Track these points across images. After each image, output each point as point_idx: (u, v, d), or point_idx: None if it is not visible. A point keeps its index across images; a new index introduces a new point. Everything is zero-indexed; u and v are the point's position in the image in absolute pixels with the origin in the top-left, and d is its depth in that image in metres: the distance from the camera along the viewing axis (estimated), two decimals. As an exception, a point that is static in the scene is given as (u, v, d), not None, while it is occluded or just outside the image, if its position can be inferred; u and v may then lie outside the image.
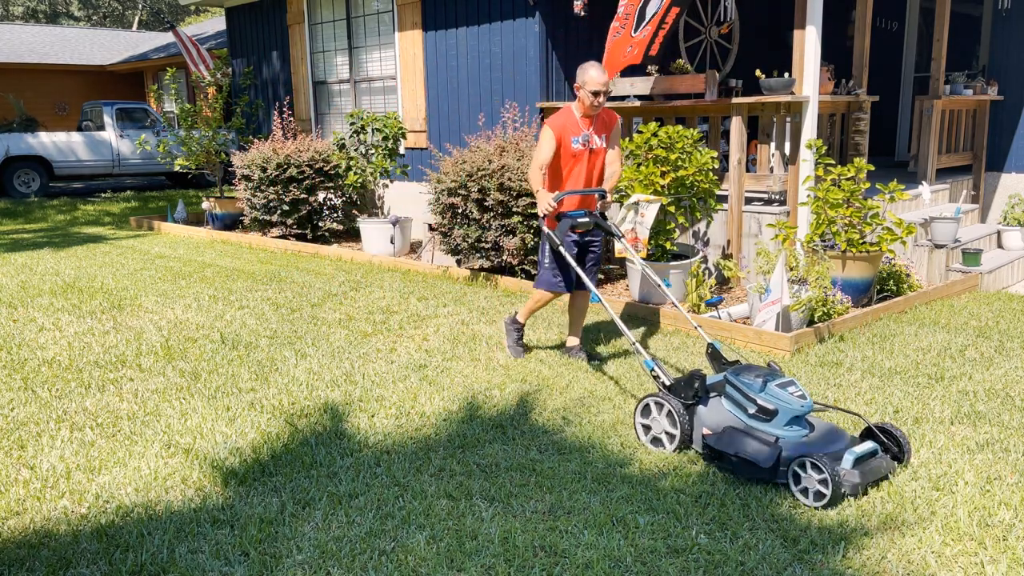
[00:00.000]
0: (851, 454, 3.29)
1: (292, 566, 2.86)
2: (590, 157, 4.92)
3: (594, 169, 4.98)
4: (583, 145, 4.86)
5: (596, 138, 4.91)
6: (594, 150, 4.93)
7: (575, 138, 4.85)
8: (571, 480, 3.48)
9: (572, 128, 4.85)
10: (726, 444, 3.48)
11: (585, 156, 4.90)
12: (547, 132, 4.83)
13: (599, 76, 4.69)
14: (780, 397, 3.45)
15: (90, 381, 4.80)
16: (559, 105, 8.01)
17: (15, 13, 38.71)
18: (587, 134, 4.87)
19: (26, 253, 9.38)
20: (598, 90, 4.71)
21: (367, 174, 8.98)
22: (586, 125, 4.87)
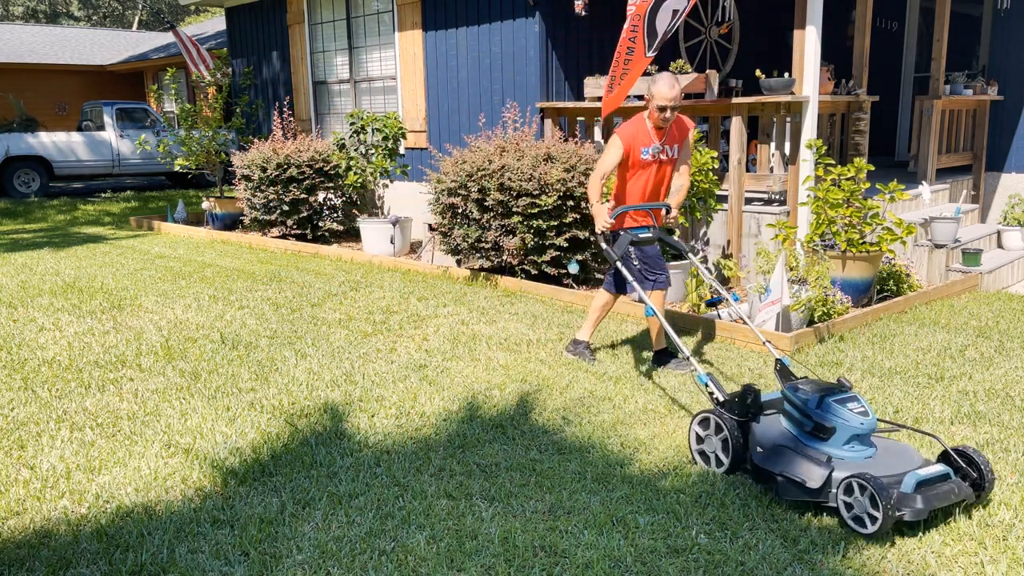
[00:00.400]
0: (914, 476, 2.99)
1: (292, 566, 2.86)
2: (658, 169, 4.74)
3: (661, 181, 4.80)
4: (654, 157, 4.68)
5: (668, 149, 4.73)
6: (663, 161, 4.75)
7: (645, 149, 4.66)
8: (571, 480, 3.48)
9: (643, 138, 4.66)
10: (772, 463, 3.26)
11: (654, 168, 4.72)
12: (616, 142, 4.65)
13: (667, 91, 4.47)
14: (838, 414, 3.20)
15: (90, 381, 4.80)
16: (559, 105, 8.02)
17: (15, 13, 38.71)
18: (658, 145, 4.68)
19: (26, 253, 9.38)
20: (665, 105, 4.51)
21: (367, 174, 8.98)
22: (658, 136, 4.68)
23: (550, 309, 6.32)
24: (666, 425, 4.05)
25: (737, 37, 9.92)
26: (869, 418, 3.20)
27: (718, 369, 4.91)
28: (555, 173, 6.67)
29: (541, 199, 6.66)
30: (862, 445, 3.23)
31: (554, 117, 8.15)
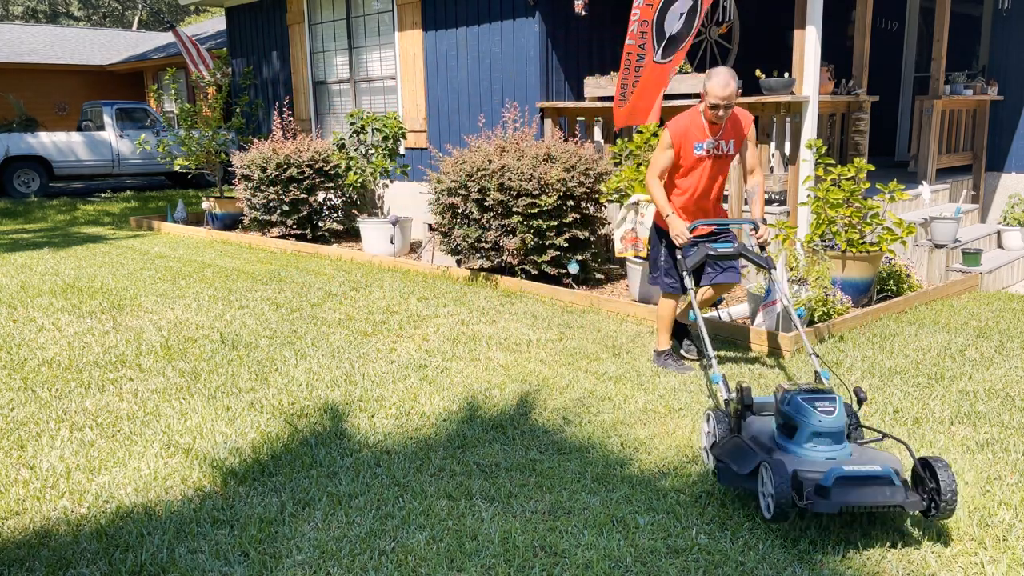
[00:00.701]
0: (834, 471, 2.92)
1: (292, 566, 2.86)
2: (713, 164, 4.51)
3: (716, 178, 4.56)
4: (707, 153, 4.46)
5: (724, 144, 4.49)
6: (718, 157, 4.51)
7: (699, 144, 4.44)
8: (571, 480, 3.47)
9: (696, 133, 4.44)
10: (719, 451, 3.33)
11: (708, 164, 4.49)
12: (665, 137, 4.45)
13: (720, 90, 4.25)
14: (801, 410, 3.14)
15: (90, 381, 4.80)
16: (559, 105, 8.02)
17: (15, 13, 38.71)
18: (713, 140, 4.45)
19: (26, 253, 9.38)
20: (717, 104, 4.29)
21: (367, 174, 8.98)
22: (713, 131, 4.45)
23: (550, 309, 6.32)
24: (666, 425, 4.05)
25: (737, 37, 9.92)
26: (832, 417, 3.09)
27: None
28: (555, 173, 6.67)
29: (541, 199, 6.66)
30: (826, 445, 3.11)
31: (554, 117, 8.15)
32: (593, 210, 6.96)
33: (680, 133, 4.44)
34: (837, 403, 3.15)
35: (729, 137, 4.51)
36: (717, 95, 4.27)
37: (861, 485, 2.90)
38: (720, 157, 4.52)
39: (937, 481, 2.92)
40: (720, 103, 4.29)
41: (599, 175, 6.91)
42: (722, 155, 4.52)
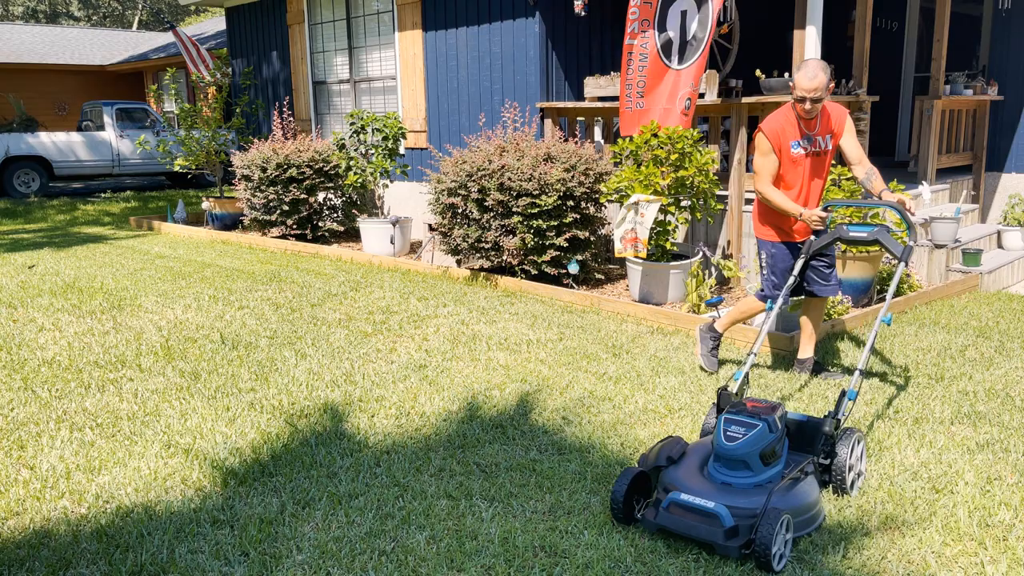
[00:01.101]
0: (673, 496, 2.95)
1: (292, 566, 2.86)
2: (812, 163, 4.34)
3: (817, 176, 4.40)
4: (805, 151, 4.30)
5: (821, 140, 4.33)
6: (817, 154, 4.34)
7: (795, 143, 4.28)
8: (571, 480, 3.47)
9: (791, 131, 4.29)
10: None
11: (807, 162, 4.33)
12: (762, 141, 4.29)
13: (805, 80, 4.09)
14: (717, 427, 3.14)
15: (90, 381, 4.80)
16: (559, 105, 8.02)
17: (15, 13, 38.71)
18: (810, 136, 4.29)
19: (26, 253, 9.38)
20: (804, 96, 4.12)
21: (367, 174, 8.98)
22: (808, 127, 4.29)
23: (550, 309, 6.32)
24: (666, 425, 4.05)
25: (737, 37, 9.92)
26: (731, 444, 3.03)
27: (716, 371, 4.91)
28: (555, 173, 6.67)
29: (541, 199, 6.66)
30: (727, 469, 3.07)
31: (554, 117, 8.15)
32: (593, 210, 6.96)
33: (775, 133, 4.27)
34: (751, 431, 3.04)
35: (825, 132, 4.33)
36: (803, 87, 4.11)
37: (688, 514, 2.90)
38: (819, 154, 4.35)
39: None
40: (807, 95, 4.11)
41: (599, 175, 6.91)
42: (820, 152, 4.35)
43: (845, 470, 3.24)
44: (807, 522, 3.00)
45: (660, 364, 4.96)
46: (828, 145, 4.36)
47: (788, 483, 3.03)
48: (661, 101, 6.56)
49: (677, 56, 6.41)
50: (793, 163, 4.32)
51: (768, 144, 4.28)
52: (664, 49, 6.40)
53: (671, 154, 6.29)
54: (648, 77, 6.49)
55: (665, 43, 6.40)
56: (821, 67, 4.10)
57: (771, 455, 3.09)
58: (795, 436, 3.40)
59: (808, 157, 4.32)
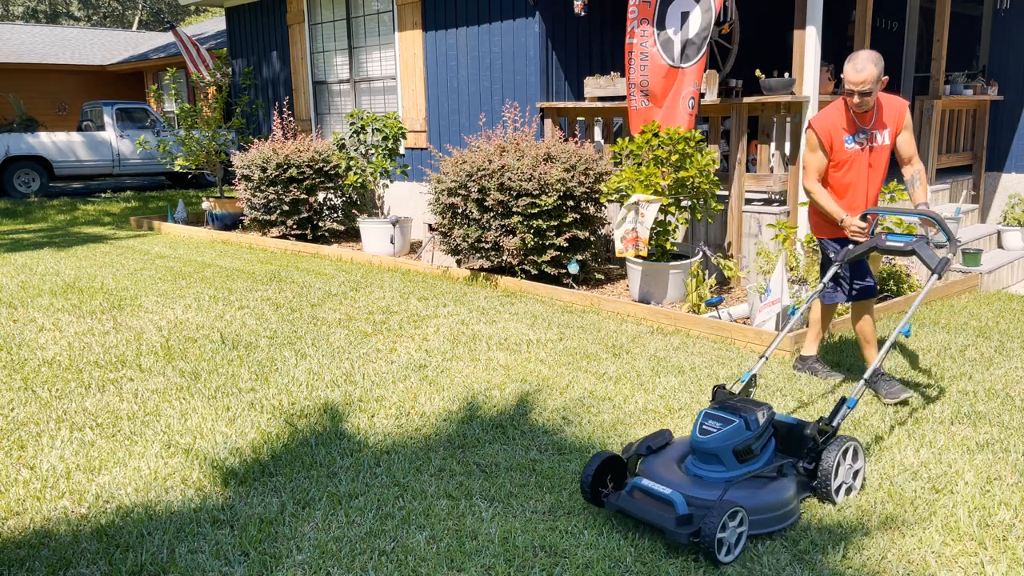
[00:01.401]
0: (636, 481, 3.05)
1: (292, 566, 2.86)
2: (868, 158, 4.15)
3: (872, 173, 4.19)
4: (860, 146, 4.12)
5: (877, 134, 4.12)
6: (873, 149, 4.14)
7: (848, 137, 4.10)
8: (571, 480, 3.47)
9: (843, 125, 4.11)
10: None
11: (862, 158, 4.14)
12: (811, 137, 4.13)
13: (852, 73, 3.93)
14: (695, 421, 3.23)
15: (90, 381, 4.80)
16: (559, 105, 8.02)
17: (15, 13, 38.71)
18: (865, 131, 4.10)
19: (26, 253, 9.38)
20: (852, 90, 3.96)
21: (367, 174, 8.98)
22: (863, 121, 4.09)
23: (550, 309, 6.32)
24: (666, 425, 4.05)
25: (737, 37, 9.92)
26: (703, 437, 3.11)
27: (716, 371, 4.91)
28: (555, 173, 6.67)
29: (541, 199, 6.66)
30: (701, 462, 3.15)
31: (554, 117, 8.16)
32: (593, 210, 6.96)
33: (825, 128, 4.11)
34: (726, 427, 3.09)
35: (882, 126, 4.13)
36: (851, 80, 3.95)
37: (646, 499, 3.00)
38: (876, 150, 4.14)
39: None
40: (854, 88, 3.94)
41: (599, 175, 6.91)
42: (877, 147, 4.14)
43: (830, 477, 3.17)
44: (772, 520, 2.99)
45: (660, 364, 4.97)
46: (886, 140, 4.15)
47: (754, 480, 3.09)
48: (665, 99, 6.56)
49: (679, 55, 6.41)
50: (848, 160, 4.13)
51: (816, 139, 4.12)
52: (664, 48, 6.40)
53: (672, 154, 6.29)
54: (650, 76, 6.50)
55: (665, 42, 6.40)
56: (871, 59, 3.92)
57: (746, 452, 3.12)
58: (784, 438, 3.38)
59: (864, 152, 4.12)
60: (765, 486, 3.05)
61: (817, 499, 3.26)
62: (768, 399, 4.39)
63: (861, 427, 3.99)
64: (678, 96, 6.49)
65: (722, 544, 2.82)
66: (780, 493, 3.04)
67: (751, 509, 2.93)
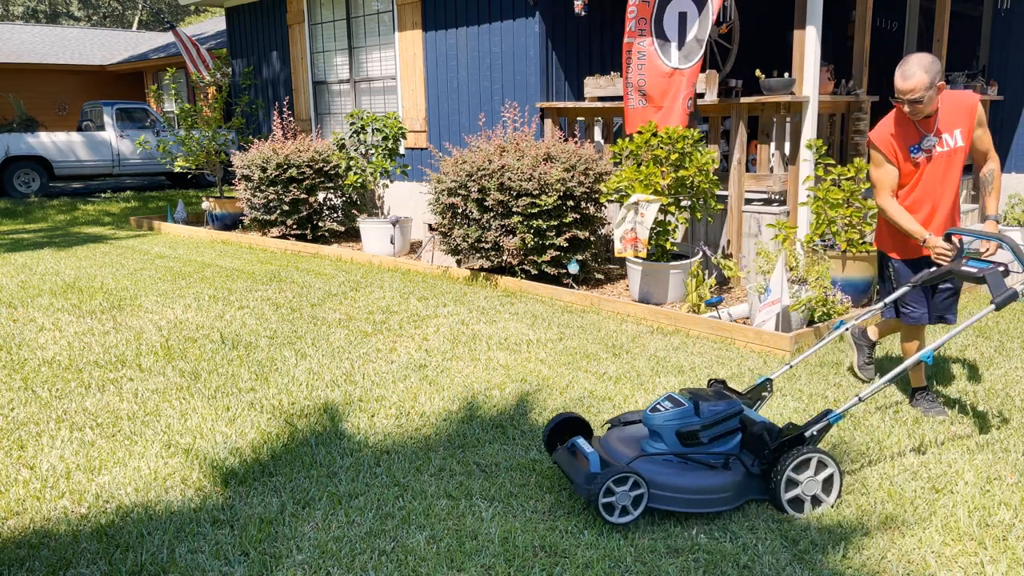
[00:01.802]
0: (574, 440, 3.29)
1: (292, 566, 2.86)
2: (941, 165, 3.79)
3: (947, 180, 3.81)
4: (928, 154, 3.77)
5: (947, 138, 3.76)
6: (944, 154, 3.77)
7: (914, 147, 3.78)
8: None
9: (907, 133, 3.79)
10: None
11: (935, 165, 3.79)
12: (873, 152, 3.85)
13: (898, 80, 3.64)
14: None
15: (90, 381, 4.80)
16: (559, 105, 8.02)
17: (15, 13, 38.71)
18: (930, 138, 3.75)
19: (26, 253, 9.39)
20: (899, 98, 3.67)
21: (367, 174, 8.99)
22: (927, 126, 3.75)
23: (550, 309, 6.32)
24: (666, 425, 4.04)
25: (737, 37, 9.91)
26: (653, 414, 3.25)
27: (716, 371, 4.91)
28: (555, 173, 6.67)
29: (541, 199, 6.66)
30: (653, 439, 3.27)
31: (554, 117, 8.16)
32: (593, 210, 6.96)
33: (886, 139, 3.80)
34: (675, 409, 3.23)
35: (952, 127, 3.76)
36: (897, 87, 3.65)
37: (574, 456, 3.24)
38: (947, 155, 3.77)
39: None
40: (902, 97, 3.65)
41: (599, 175, 6.91)
42: (949, 150, 3.77)
43: (779, 485, 3.11)
44: (691, 502, 3.09)
45: (660, 364, 4.97)
46: (959, 141, 3.76)
47: (686, 462, 3.20)
48: (663, 100, 6.57)
49: (677, 56, 6.41)
50: (917, 168, 3.78)
51: (880, 154, 3.81)
52: (662, 48, 6.40)
53: (671, 154, 6.29)
54: (648, 76, 6.51)
55: (663, 42, 6.41)
56: (922, 64, 3.61)
57: (690, 437, 3.21)
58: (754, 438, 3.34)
59: (938, 157, 3.76)
60: (694, 470, 3.16)
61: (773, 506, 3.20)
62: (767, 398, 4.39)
63: (861, 427, 3.99)
64: (676, 97, 6.49)
65: (612, 507, 3.01)
66: (706, 480, 3.12)
67: (660, 485, 3.06)
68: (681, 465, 3.18)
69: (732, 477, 3.16)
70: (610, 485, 2.99)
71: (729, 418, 3.25)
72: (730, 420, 3.26)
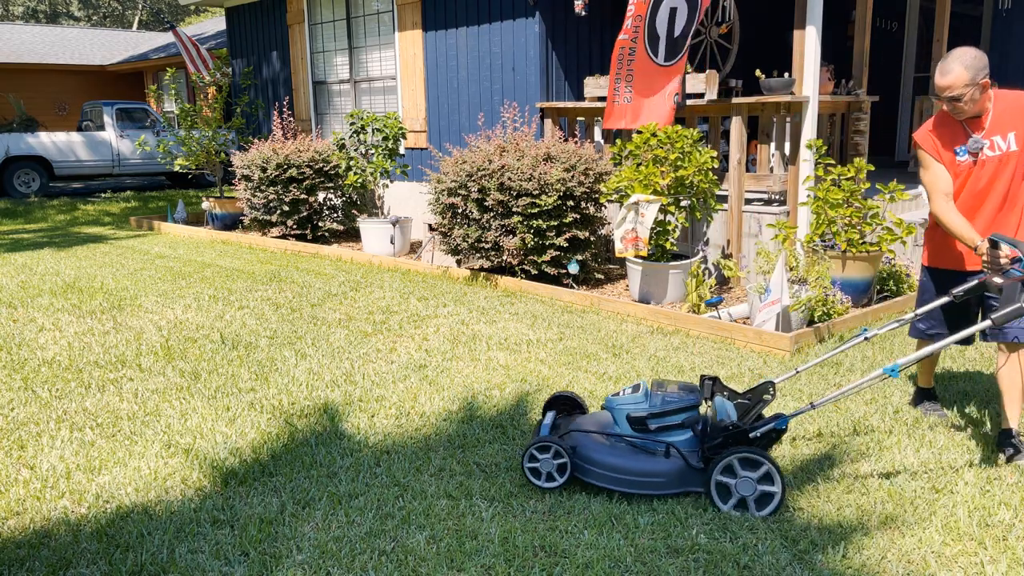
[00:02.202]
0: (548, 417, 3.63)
1: (292, 566, 2.86)
2: (991, 169, 3.55)
3: (1001, 187, 3.56)
4: (974, 156, 3.55)
5: (999, 141, 3.53)
6: (996, 158, 3.54)
7: (960, 148, 3.57)
8: (571, 480, 3.47)
9: (952, 135, 3.59)
10: None
11: (984, 169, 3.56)
12: (921, 155, 3.63)
13: (938, 76, 3.46)
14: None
15: (90, 381, 4.80)
16: (559, 105, 8.02)
17: (15, 13, 38.71)
18: (977, 139, 3.53)
19: (26, 253, 9.38)
20: (939, 94, 3.49)
21: (367, 174, 8.99)
22: (975, 127, 3.55)
23: (550, 309, 6.32)
24: (666, 425, 4.04)
25: (737, 37, 9.91)
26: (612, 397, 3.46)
27: (716, 371, 4.91)
28: (555, 173, 6.67)
29: (541, 199, 6.66)
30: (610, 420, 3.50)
31: (554, 117, 8.16)
32: (593, 210, 6.97)
33: (929, 139, 3.61)
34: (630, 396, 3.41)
35: (1006, 130, 3.52)
36: (936, 84, 3.48)
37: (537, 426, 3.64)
38: (1000, 158, 3.53)
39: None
40: (944, 94, 3.46)
41: (599, 175, 6.91)
42: (1000, 155, 3.53)
43: (711, 479, 3.18)
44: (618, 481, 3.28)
45: (660, 364, 4.97)
46: (1012, 145, 3.51)
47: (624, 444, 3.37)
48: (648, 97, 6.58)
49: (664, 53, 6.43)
50: (964, 172, 3.58)
51: (927, 154, 3.59)
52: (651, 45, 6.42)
53: (671, 154, 6.29)
54: (636, 72, 6.51)
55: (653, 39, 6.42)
56: (962, 60, 3.42)
57: (639, 423, 3.36)
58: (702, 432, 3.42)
59: (989, 162, 3.54)
60: (632, 453, 3.33)
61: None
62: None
63: (861, 427, 3.99)
64: (662, 94, 6.51)
65: (539, 472, 3.36)
66: (639, 464, 3.28)
67: (590, 460, 3.30)
68: (622, 447, 3.35)
69: (669, 466, 3.27)
70: (533, 452, 3.33)
71: (680, 411, 3.34)
72: (682, 413, 3.34)
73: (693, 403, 3.35)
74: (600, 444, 3.36)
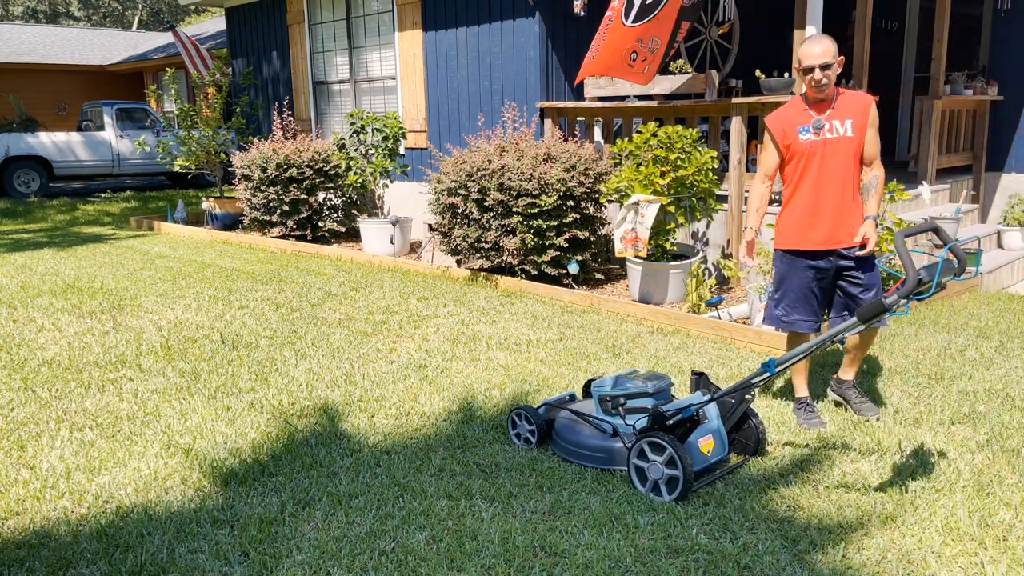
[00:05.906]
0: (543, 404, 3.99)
1: (292, 566, 2.86)
2: (830, 152, 3.78)
3: (838, 171, 3.80)
4: (818, 135, 3.77)
5: (838, 125, 3.76)
6: (836, 140, 3.77)
7: (803, 128, 3.80)
8: (571, 480, 3.48)
9: (798, 116, 3.83)
10: None
11: (822, 152, 3.79)
12: (766, 135, 3.92)
13: (810, 46, 3.68)
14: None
15: (90, 381, 4.80)
16: (559, 105, 8.01)
17: (15, 13, 38.71)
18: (820, 120, 3.77)
19: (26, 253, 9.38)
20: (811, 65, 3.68)
21: (367, 174, 8.98)
22: (819, 110, 3.80)
23: (550, 309, 6.32)
24: (666, 425, 4.04)
25: (737, 37, 9.91)
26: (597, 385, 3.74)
27: (716, 371, 4.91)
28: (555, 173, 6.67)
29: (541, 199, 6.66)
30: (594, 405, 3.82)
31: (554, 117, 8.16)
32: (593, 210, 6.97)
33: (778, 121, 3.87)
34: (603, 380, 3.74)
35: (844, 116, 3.78)
36: (809, 53, 3.69)
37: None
38: (838, 142, 3.77)
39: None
40: (815, 62, 3.67)
41: (599, 175, 6.91)
42: (837, 138, 3.77)
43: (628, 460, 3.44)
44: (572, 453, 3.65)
45: (660, 364, 4.97)
46: (848, 131, 3.76)
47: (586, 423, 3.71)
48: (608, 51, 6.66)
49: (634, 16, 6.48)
50: (805, 153, 3.81)
51: (770, 135, 3.91)
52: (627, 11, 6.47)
53: (671, 153, 6.29)
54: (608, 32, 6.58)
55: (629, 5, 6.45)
56: (828, 38, 3.74)
57: (606, 403, 3.67)
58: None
59: (824, 144, 3.78)
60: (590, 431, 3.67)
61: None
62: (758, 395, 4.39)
63: (860, 427, 3.99)
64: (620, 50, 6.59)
65: (519, 435, 3.88)
66: (590, 440, 3.62)
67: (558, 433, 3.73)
68: (585, 425, 3.72)
69: (611, 444, 3.58)
70: (513, 417, 3.91)
71: (637, 397, 3.61)
72: (642, 398, 3.60)
73: (647, 391, 3.59)
74: (568, 423, 3.75)
